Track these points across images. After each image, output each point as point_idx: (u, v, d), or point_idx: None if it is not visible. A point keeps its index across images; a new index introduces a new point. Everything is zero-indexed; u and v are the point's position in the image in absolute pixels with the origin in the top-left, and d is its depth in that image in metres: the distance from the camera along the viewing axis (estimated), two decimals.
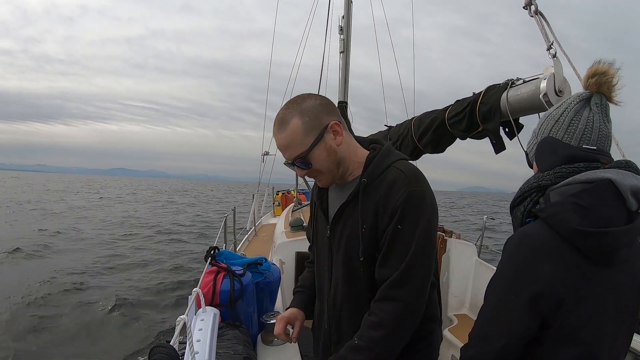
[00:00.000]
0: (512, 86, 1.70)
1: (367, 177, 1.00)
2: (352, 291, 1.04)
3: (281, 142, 1.00)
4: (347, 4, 4.98)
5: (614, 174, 0.74)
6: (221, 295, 1.43)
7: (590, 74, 0.83)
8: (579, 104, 0.83)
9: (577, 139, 0.82)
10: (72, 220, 15.92)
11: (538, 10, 1.70)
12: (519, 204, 0.86)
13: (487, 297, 0.82)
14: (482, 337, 0.81)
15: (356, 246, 1.00)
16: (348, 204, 1.03)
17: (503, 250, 0.81)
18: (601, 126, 0.82)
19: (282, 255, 2.56)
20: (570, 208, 0.74)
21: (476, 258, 3.01)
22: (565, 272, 0.73)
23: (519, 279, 0.76)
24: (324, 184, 1.07)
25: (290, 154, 0.99)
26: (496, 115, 1.73)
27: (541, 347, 0.77)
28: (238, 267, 1.53)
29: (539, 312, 0.75)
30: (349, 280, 1.04)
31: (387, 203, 0.95)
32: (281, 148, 1.01)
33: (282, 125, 0.99)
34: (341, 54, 4.89)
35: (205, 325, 1.14)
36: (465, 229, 14.56)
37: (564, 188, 0.78)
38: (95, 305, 5.92)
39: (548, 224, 0.76)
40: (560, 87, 1.51)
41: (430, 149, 2.24)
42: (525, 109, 1.65)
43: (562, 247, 0.74)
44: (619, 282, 0.76)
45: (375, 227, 0.98)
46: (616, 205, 0.74)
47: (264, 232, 5.52)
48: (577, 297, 0.73)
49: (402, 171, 0.98)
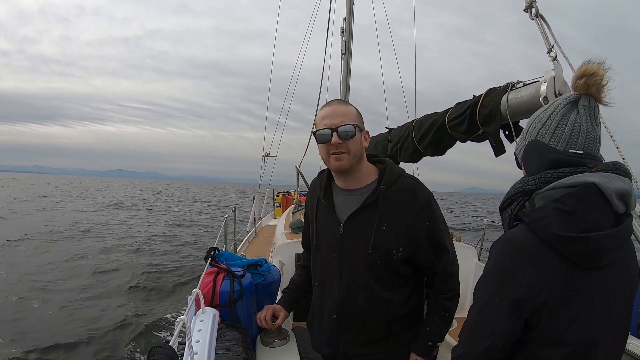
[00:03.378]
0: (512, 89, 1.71)
1: (385, 184, 1.19)
2: (369, 281, 1.21)
3: (340, 110, 1.19)
4: (349, 6, 4.99)
5: (598, 178, 0.74)
6: (221, 296, 1.42)
7: (579, 74, 0.81)
8: (565, 107, 0.83)
9: (563, 143, 0.81)
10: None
11: (539, 13, 1.70)
12: (506, 207, 0.86)
13: (474, 298, 0.85)
14: (469, 338, 0.84)
15: (374, 241, 1.17)
16: (367, 205, 1.19)
17: (489, 253, 0.82)
18: (589, 129, 0.81)
19: (282, 257, 2.56)
20: (553, 213, 0.74)
21: (476, 261, 3.00)
22: (548, 276, 0.73)
23: (502, 283, 0.77)
24: (341, 165, 1.19)
25: (342, 120, 1.17)
26: (496, 118, 1.73)
27: (526, 348, 0.79)
28: (238, 268, 1.53)
29: (522, 315, 0.76)
30: (367, 271, 1.20)
31: (410, 205, 1.17)
32: (336, 114, 1.18)
33: (344, 103, 1.24)
34: (342, 56, 4.90)
35: (204, 326, 1.14)
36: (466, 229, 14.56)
37: (548, 193, 0.78)
38: (94, 306, 5.92)
39: (531, 229, 0.76)
40: (560, 90, 1.51)
41: (430, 151, 2.24)
42: (526, 112, 1.65)
43: (544, 251, 0.74)
44: (608, 284, 0.75)
45: (396, 226, 1.17)
46: (601, 208, 0.74)
47: (264, 233, 5.52)
48: (560, 300, 0.73)
49: (414, 180, 1.23)
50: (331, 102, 1.25)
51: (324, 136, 1.18)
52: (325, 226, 1.29)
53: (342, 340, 1.28)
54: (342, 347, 1.28)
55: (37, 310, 5.73)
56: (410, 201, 1.18)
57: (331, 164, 1.21)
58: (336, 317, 1.27)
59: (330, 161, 1.20)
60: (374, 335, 1.25)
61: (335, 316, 1.27)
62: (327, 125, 1.18)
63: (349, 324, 1.26)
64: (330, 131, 1.17)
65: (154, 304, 6.30)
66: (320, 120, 1.21)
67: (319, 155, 1.25)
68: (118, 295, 6.55)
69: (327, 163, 1.23)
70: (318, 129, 1.20)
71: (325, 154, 1.21)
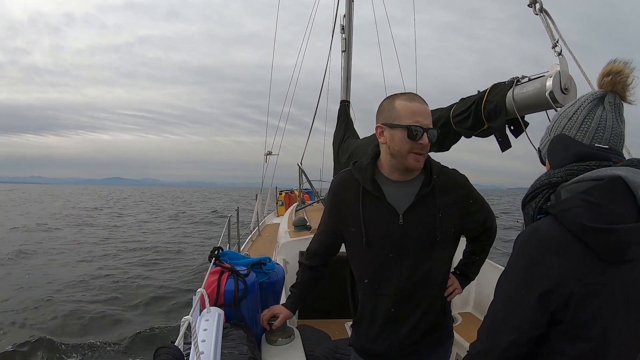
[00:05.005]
0: (517, 84, 1.69)
1: (436, 174, 1.24)
2: (431, 269, 1.24)
3: (428, 111, 1.21)
4: (349, 3, 4.98)
5: (624, 172, 0.74)
6: (225, 295, 1.42)
7: (605, 72, 0.82)
8: (592, 103, 0.84)
9: (589, 137, 0.82)
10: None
11: (543, 8, 1.68)
12: (530, 200, 0.86)
13: (497, 292, 0.83)
14: (492, 332, 0.82)
15: (434, 229, 1.21)
16: (425, 195, 1.22)
17: (513, 246, 0.81)
18: (614, 125, 0.82)
19: (286, 255, 2.55)
20: (580, 204, 0.73)
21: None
22: (574, 268, 0.73)
23: (528, 275, 0.77)
24: (418, 166, 1.22)
25: (430, 123, 1.20)
26: (502, 113, 1.71)
27: (549, 343, 0.78)
28: (242, 267, 1.53)
29: (548, 308, 0.75)
30: (430, 260, 1.24)
31: (456, 189, 1.26)
32: (427, 113, 1.20)
33: (426, 103, 1.24)
34: (343, 53, 4.89)
35: (210, 326, 1.14)
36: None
37: (574, 185, 0.78)
38: (97, 308, 5.95)
39: (558, 220, 0.76)
40: (566, 84, 1.50)
41: (435, 147, 2.22)
42: (531, 106, 1.64)
43: (571, 242, 0.74)
44: (631, 280, 0.75)
45: (451, 210, 1.24)
46: (626, 202, 0.74)
47: (267, 232, 5.52)
48: (586, 293, 0.73)
49: (452, 169, 1.30)
50: (416, 97, 1.22)
51: (416, 133, 1.16)
52: (379, 220, 1.24)
53: (397, 334, 1.26)
54: (397, 340, 1.26)
55: (38, 311, 5.76)
56: (455, 186, 1.26)
57: (409, 161, 1.19)
58: (394, 311, 1.25)
59: (409, 159, 1.19)
60: (430, 323, 1.27)
61: (393, 310, 1.25)
62: (420, 123, 1.16)
63: (407, 315, 1.25)
64: (422, 130, 1.16)
65: (158, 304, 6.31)
66: (410, 114, 1.17)
67: (388, 145, 1.21)
68: (122, 296, 6.57)
69: (403, 158, 1.20)
70: (411, 124, 1.16)
71: (406, 150, 1.18)
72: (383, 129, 1.22)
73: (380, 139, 1.24)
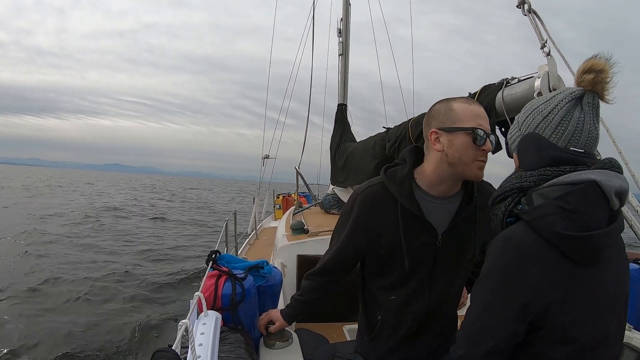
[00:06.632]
0: (507, 85, 1.71)
1: (479, 192, 1.16)
2: (460, 289, 1.26)
3: (487, 116, 1.10)
4: (346, 7, 5.01)
5: (598, 175, 0.73)
6: (223, 299, 1.43)
7: (586, 69, 0.77)
8: (570, 103, 0.80)
9: (565, 140, 0.79)
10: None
11: (531, 8, 1.71)
12: (499, 202, 0.84)
13: (474, 300, 0.82)
14: (470, 339, 0.81)
15: (472, 249, 1.17)
16: (467, 215, 1.15)
17: (487, 254, 0.79)
18: (591, 128, 0.79)
19: (283, 259, 2.56)
20: (555, 212, 0.72)
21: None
22: (551, 275, 0.72)
23: (505, 284, 0.75)
24: (480, 176, 1.08)
25: (489, 129, 1.07)
26: (492, 114, 1.73)
27: (533, 349, 0.77)
28: (239, 271, 1.54)
29: (526, 318, 0.74)
30: (462, 282, 1.25)
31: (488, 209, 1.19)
32: (487, 119, 1.09)
33: None
34: (340, 57, 4.91)
35: (207, 329, 1.15)
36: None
37: (547, 189, 0.76)
38: (93, 306, 5.91)
39: (532, 227, 0.75)
40: (554, 85, 1.52)
41: None
42: (521, 107, 1.66)
43: (546, 250, 0.73)
44: (605, 279, 0.76)
45: (484, 229, 1.14)
46: (600, 206, 0.73)
47: (265, 236, 5.52)
48: (565, 298, 0.72)
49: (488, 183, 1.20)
50: (473, 100, 1.12)
51: (483, 138, 1.03)
52: (416, 241, 1.13)
53: (416, 346, 1.25)
54: (414, 353, 1.26)
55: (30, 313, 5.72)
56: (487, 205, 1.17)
57: (472, 171, 1.05)
58: (416, 329, 1.22)
59: (472, 168, 1.05)
60: (446, 335, 1.28)
61: (417, 327, 1.22)
62: (485, 128, 1.04)
63: (428, 330, 1.24)
64: (486, 136, 1.04)
65: (154, 308, 6.29)
66: (472, 116, 1.04)
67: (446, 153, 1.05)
68: (117, 299, 6.53)
69: (465, 167, 1.05)
70: (476, 127, 1.03)
71: (470, 158, 1.04)
72: (439, 134, 1.07)
73: (435, 146, 1.08)
